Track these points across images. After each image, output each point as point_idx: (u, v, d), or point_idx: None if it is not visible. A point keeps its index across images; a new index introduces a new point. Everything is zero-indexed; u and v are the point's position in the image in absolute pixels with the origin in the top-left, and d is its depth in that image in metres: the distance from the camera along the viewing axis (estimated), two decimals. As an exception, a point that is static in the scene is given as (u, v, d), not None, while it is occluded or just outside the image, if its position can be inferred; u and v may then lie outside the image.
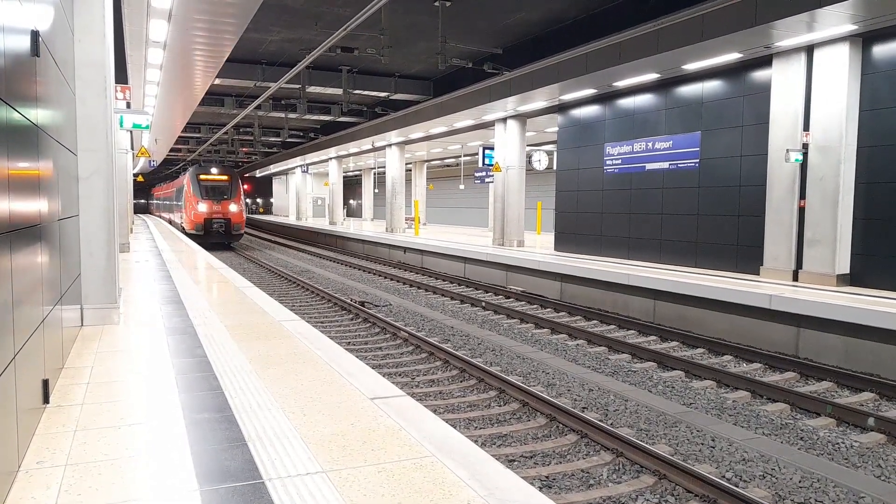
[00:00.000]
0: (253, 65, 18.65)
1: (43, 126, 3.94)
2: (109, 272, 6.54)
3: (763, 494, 5.15)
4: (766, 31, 10.24)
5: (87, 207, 6.37)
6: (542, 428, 6.67)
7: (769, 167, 12.06)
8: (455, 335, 11.00)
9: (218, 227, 27.87)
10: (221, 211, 28.09)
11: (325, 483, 2.94)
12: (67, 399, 4.14)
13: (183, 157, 44.98)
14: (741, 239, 12.88)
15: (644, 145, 15.28)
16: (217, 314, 7.27)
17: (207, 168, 29.51)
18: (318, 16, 14.10)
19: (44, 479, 2.96)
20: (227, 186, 28.95)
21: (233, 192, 28.86)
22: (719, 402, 7.59)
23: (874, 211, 10.70)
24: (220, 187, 28.75)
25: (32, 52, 3.54)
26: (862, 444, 6.39)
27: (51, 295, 4.25)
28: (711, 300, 11.07)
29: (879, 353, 8.71)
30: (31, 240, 3.50)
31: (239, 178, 30.03)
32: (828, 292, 10.26)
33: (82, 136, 6.28)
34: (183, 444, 3.39)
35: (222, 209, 28.14)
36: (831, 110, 10.98)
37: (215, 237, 28.00)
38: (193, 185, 28.43)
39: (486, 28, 15.11)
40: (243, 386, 4.45)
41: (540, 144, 28.34)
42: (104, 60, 6.37)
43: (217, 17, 10.04)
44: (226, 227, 28.06)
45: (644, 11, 12.24)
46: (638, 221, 15.56)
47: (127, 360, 5.15)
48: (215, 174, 29.13)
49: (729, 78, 13.07)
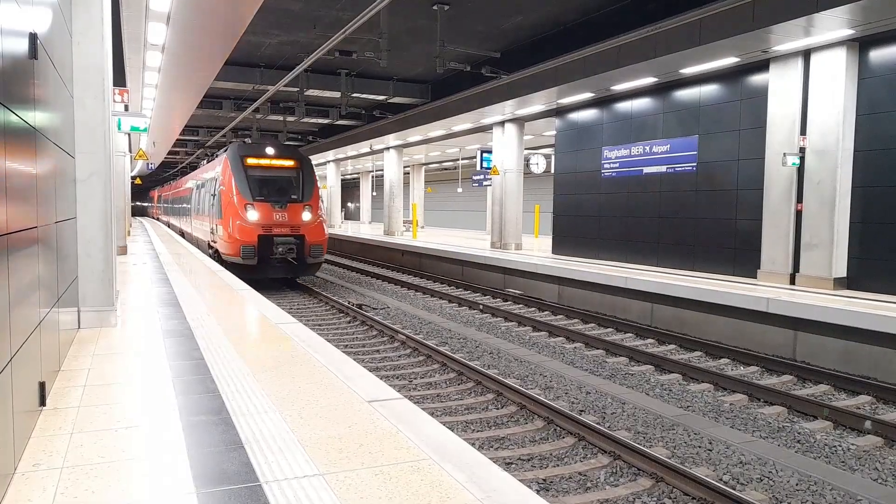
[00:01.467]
0: (251, 68, 18.68)
1: (41, 129, 3.94)
2: (107, 275, 6.53)
3: (760, 497, 5.15)
4: (764, 35, 10.28)
5: (85, 210, 6.37)
6: (539, 431, 6.67)
7: (766, 171, 12.09)
8: (453, 338, 11.00)
9: (284, 250, 15.62)
10: (289, 222, 15.97)
11: (322, 486, 2.94)
12: (64, 401, 4.13)
13: (181, 160, 44.82)
14: (738, 242, 12.90)
15: (642, 149, 15.31)
16: (214, 317, 7.26)
17: (260, 147, 17.00)
18: (316, 19, 14.12)
19: (40, 482, 2.96)
20: (294, 177, 16.88)
21: (305, 187, 16.81)
22: (717, 405, 7.59)
23: (871, 215, 10.73)
24: (284, 180, 16.76)
25: (30, 54, 3.54)
26: (859, 447, 6.40)
27: (48, 297, 4.24)
28: (709, 303, 11.08)
29: (876, 356, 8.72)
30: (29, 242, 3.50)
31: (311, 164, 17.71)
32: (825, 296, 10.28)
33: (80, 138, 6.28)
34: (180, 446, 3.38)
35: (290, 218, 16.01)
36: (828, 114, 11.02)
37: (278, 270, 16.04)
38: (237, 175, 16.15)
39: (484, 32, 15.15)
40: (240, 388, 4.44)
41: (538, 148, 28.38)
42: (102, 63, 6.38)
43: (215, 20, 10.05)
44: (297, 251, 15.86)
45: (642, 15, 12.28)
46: (635, 225, 15.57)
47: (124, 363, 5.15)
48: (273, 156, 16.88)
49: (726, 82, 13.11)
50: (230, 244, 15.57)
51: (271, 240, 15.53)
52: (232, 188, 15.98)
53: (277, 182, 16.61)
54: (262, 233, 15.46)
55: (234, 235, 15.44)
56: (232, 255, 15.51)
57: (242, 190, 15.84)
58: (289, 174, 16.88)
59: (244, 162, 16.34)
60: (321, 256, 16.32)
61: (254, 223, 15.48)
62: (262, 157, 16.67)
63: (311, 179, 16.98)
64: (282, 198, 16.18)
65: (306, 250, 15.94)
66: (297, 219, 16.00)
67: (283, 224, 15.79)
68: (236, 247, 15.31)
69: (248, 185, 15.96)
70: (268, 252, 15.51)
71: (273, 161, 16.75)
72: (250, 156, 16.53)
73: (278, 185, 16.55)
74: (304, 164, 17.16)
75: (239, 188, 15.86)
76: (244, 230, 15.40)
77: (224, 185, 16.47)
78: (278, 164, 16.82)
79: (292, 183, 16.77)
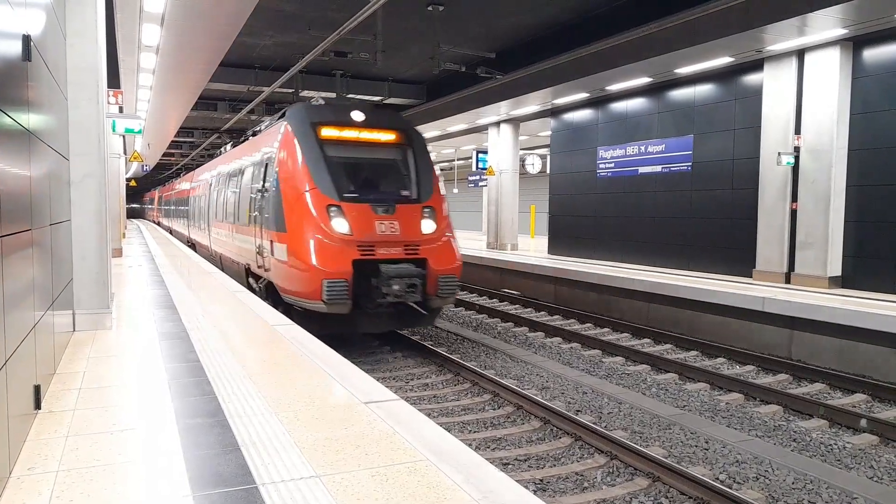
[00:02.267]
0: (246, 69, 18.63)
1: (35, 131, 3.92)
2: (102, 277, 6.50)
3: (756, 496, 5.16)
4: (758, 35, 10.31)
5: (80, 212, 6.34)
6: (536, 431, 6.67)
7: (761, 170, 12.13)
8: (449, 339, 11.00)
9: (402, 288, 8.74)
10: (402, 236, 9.29)
11: (318, 487, 2.93)
12: (59, 405, 4.12)
13: (175, 161, 44.65)
14: (734, 241, 12.93)
15: (637, 149, 15.34)
16: (210, 319, 7.25)
17: (342, 112, 10.26)
18: (311, 20, 14.10)
19: (35, 486, 2.94)
20: (401, 160, 10.35)
21: (421, 177, 10.13)
22: (713, 405, 7.61)
23: (865, 214, 10.77)
24: (388, 165, 10.32)
25: (24, 56, 3.53)
26: (854, 445, 6.42)
27: (42, 300, 4.22)
28: (705, 303, 11.10)
29: (871, 354, 8.75)
30: (23, 245, 3.48)
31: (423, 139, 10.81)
32: (820, 294, 10.31)
33: (74, 140, 6.26)
34: (176, 449, 3.37)
35: (404, 230, 9.34)
36: (822, 114, 11.06)
37: (386, 320, 9.41)
38: (308, 155, 9.50)
39: (479, 32, 15.15)
40: (236, 390, 4.43)
41: (533, 148, 28.42)
42: (96, 65, 6.36)
43: (210, 21, 10.03)
44: (421, 285, 8.97)
45: (637, 15, 12.30)
46: (631, 224, 15.60)
47: (119, 365, 5.13)
48: (366, 125, 10.19)
49: (721, 82, 13.14)
50: (302, 276, 8.79)
51: (376, 268, 8.75)
52: (300, 178, 9.23)
53: (377, 169, 10.06)
54: (361, 256, 8.81)
55: (308, 261, 8.70)
56: (305, 295, 8.75)
57: (321, 181, 9.12)
58: (393, 155, 10.16)
59: (318, 134, 9.62)
60: (454, 294, 9.41)
61: (345, 239, 8.79)
62: (349, 125, 9.91)
63: (426, 164, 10.17)
64: (387, 195, 9.61)
65: (431, 285, 9.05)
66: (414, 231, 9.25)
67: (392, 240, 9.06)
68: (315, 281, 8.59)
69: (331, 174, 9.23)
70: (370, 290, 8.76)
71: (366, 133, 9.99)
72: (329, 124, 9.78)
73: (379, 175, 10.03)
74: (415, 139, 10.36)
75: (315, 178, 9.14)
76: (328, 251, 8.73)
77: (284, 172, 9.57)
78: (375, 138, 10.05)
79: (400, 169, 10.07)
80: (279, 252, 9.42)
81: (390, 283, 8.58)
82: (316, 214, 8.92)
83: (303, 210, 9.07)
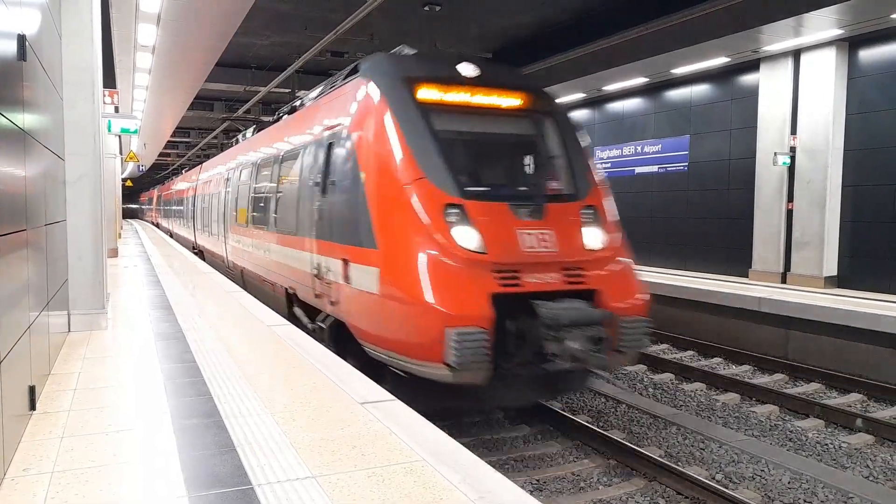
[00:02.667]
0: (242, 69, 18.60)
1: (30, 130, 3.91)
2: (97, 277, 6.48)
3: (753, 496, 5.17)
4: (754, 35, 10.33)
5: (75, 212, 6.31)
6: (533, 432, 6.66)
7: (757, 170, 12.15)
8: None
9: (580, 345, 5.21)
10: (560, 255, 5.77)
11: (314, 488, 2.93)
12: (54, 405, 4.10)
13: (172, 161, 44.53)
14: (730, 241, 12.95)
15: (633, 149, 15.35)
16: (206, 319, 7.23)
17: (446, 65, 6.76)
18: (307, 20, 14.08)
19: (30, 487, 2.93)
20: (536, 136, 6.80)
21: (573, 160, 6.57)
22: (709, 405, 7.62)
23: (861, 213, 10.80)
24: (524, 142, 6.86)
25: (19, 56, 3.52)
26: (850, 444, 6.43)
27: (37, 300, 4.21)
28: (702, 303, 11.11)
29: (866, 354, 8.77)
30: (18, 245, 3.47)
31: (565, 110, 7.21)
32: (815, 294, 10.33)
33: (70, 140, 6.24)
34: (172, 449, 3.36)
35: (563, 246, 5.81)
36: (818, 114, 11.08)
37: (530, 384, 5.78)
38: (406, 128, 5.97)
39: (475, 32, 15.15)
40: (232, 391, 4.42)
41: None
42: (92, 64, 6.33)
43: (206, 21, 10.01)
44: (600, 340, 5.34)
45: (634, 16, 12.30)
46: (627, 224, 15.50)
47: (115, 366, 5.11)
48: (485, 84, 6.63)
49: (717, 82, 13.16)
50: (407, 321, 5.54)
51: (527, 307, 5.53)
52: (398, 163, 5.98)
53: (507, 149, 7.11)
54: (502, 286, 5.53)
55: (418, 294, 5.43)
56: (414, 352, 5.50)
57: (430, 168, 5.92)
58: (527, 128, 6.93)
59: (416, 96, 6.37)
60: (641, 346, 6.09)
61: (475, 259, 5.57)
62: (460, 84, 6.63)
63: (574, 142, 6.93)
64: (530, 189, 6.66)
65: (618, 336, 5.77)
66: (576, 245, 6.07)
67: (546, 260, 5.81)
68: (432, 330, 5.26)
69: (444, 158, 6.01)
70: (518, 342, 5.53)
71: (483, 97, 6.71)
72: (431, 81, 6.55)
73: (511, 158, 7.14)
74: (553, 106, 7.18)
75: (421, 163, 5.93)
76: (453, 280, 5.50)
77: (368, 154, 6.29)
78: (497, 103, 6.78)
79: (539, 149, 6.92)
80: (361, 278, 6.04)
81: (560, 334, 5.26)
82: (428, 220, 5.62)
83: (405, 212, 5.75)
